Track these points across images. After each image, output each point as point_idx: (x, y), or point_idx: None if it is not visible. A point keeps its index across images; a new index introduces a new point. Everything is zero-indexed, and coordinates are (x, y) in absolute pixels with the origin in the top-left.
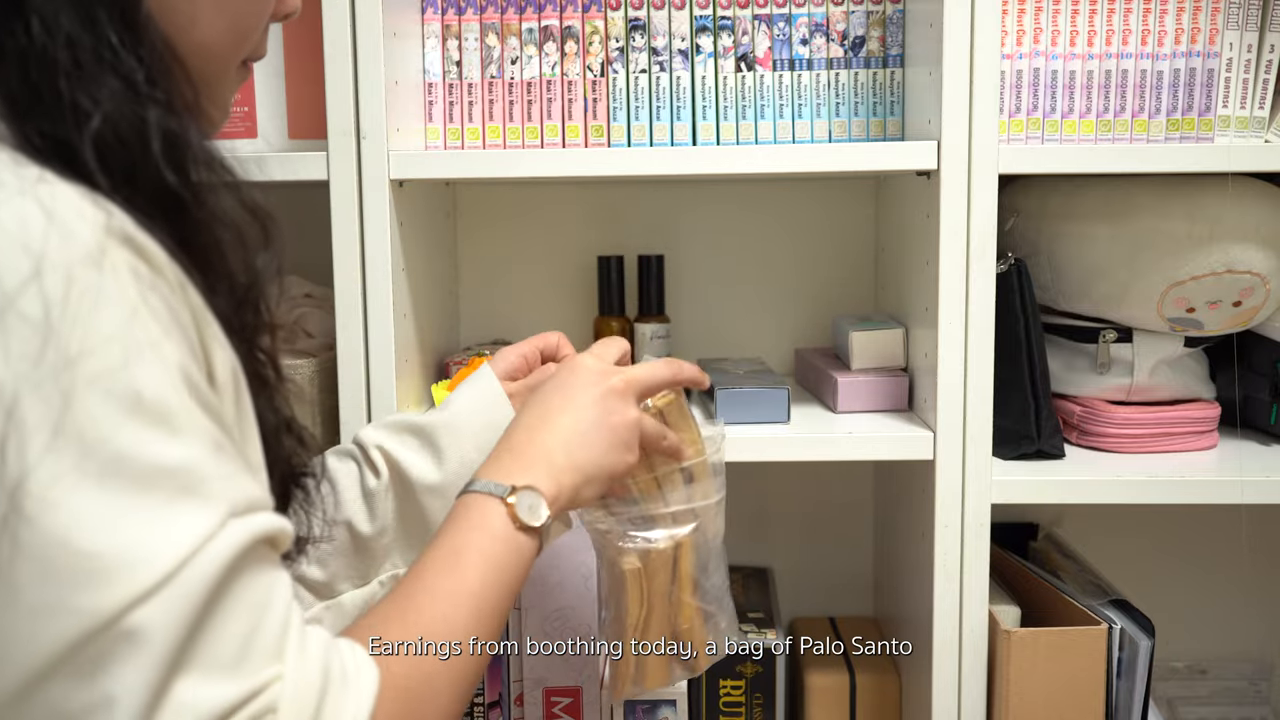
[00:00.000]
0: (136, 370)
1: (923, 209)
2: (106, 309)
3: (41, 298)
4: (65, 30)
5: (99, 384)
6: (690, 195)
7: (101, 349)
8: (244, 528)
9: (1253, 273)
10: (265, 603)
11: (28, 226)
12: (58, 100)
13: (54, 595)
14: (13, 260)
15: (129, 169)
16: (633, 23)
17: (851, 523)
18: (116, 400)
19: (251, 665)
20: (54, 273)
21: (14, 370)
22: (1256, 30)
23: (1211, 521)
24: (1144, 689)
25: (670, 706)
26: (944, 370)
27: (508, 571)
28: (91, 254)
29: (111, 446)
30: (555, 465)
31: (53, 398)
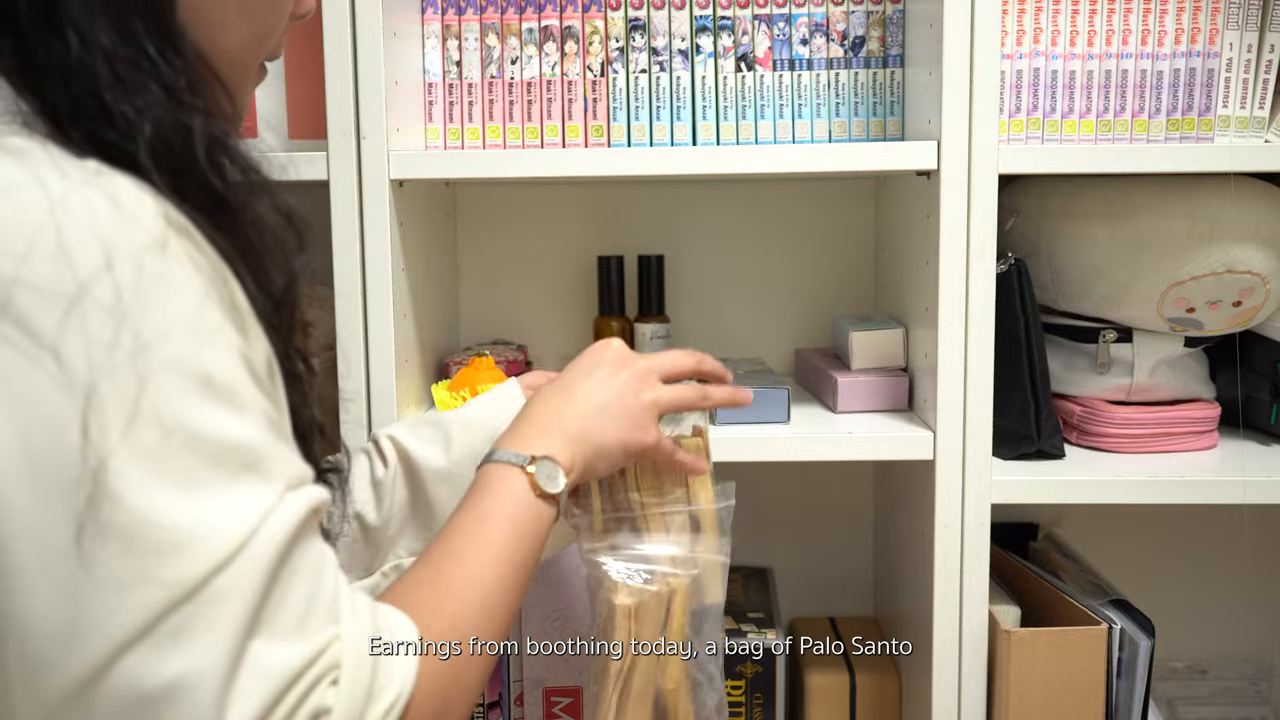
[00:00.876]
0: (205, 353)
1: (923, 209)
2: (175, 294)
3: (114, 285)
4: (104, 44)
5: (172, 367)
6: (690, 195)
7: (173, 333)
8: (300, 500)
9: (1253, 273)
10: (319, 568)
11: (97, 214)
12: (106, 111)
13: (137, 569)
14: (86, 248)
15: (178, 174)
16: (633, 23)
17: (851, 523)
18: (189, 382)
19: (314, 626)
20: (125, 260)
21: (91, 355)
22: (1256, 30)
23: (1211, 521)
24: (1144, 689)
25: None
26: (944, 370)
27: (529, 536)
28: (158, 241)
29: (186, 426)
30: (570, 436)
31: (130, 381)
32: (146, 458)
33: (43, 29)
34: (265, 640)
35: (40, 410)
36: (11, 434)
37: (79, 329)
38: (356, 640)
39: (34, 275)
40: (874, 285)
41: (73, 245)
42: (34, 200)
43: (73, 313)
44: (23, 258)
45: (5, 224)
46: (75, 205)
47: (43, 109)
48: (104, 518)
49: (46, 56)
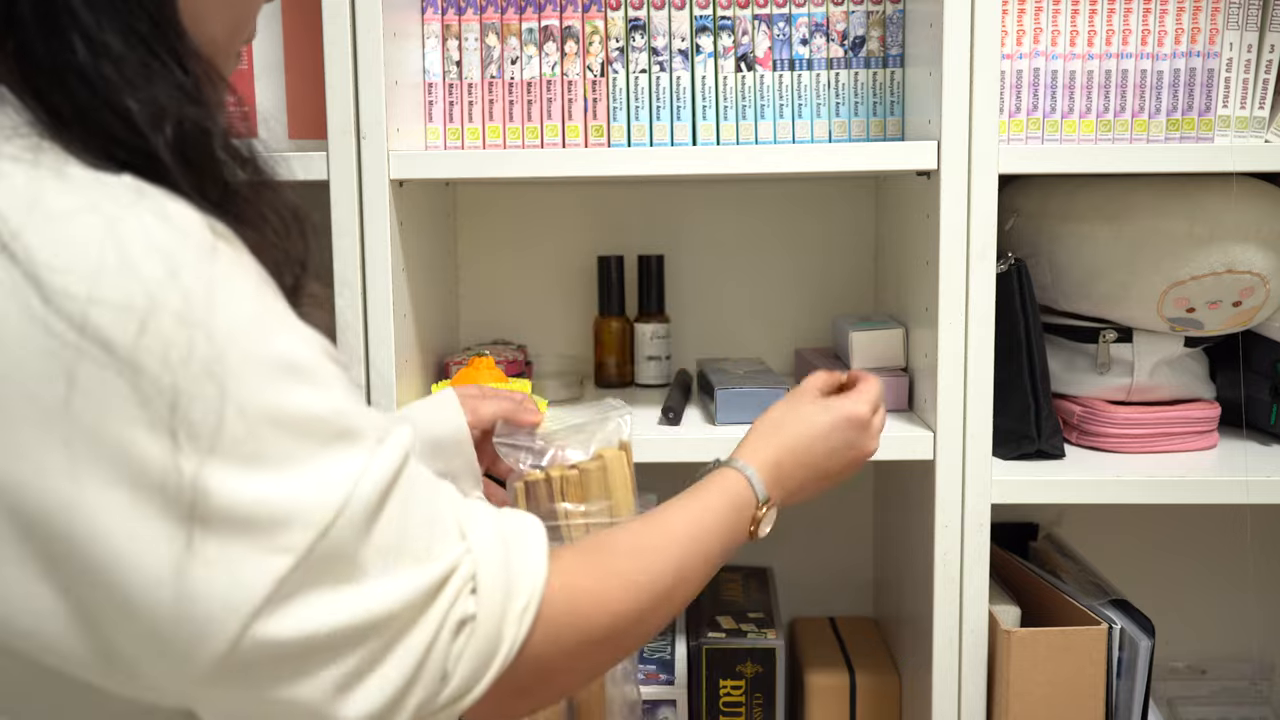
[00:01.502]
0: (277, 339)
1: (923, 209)
2: (237, 293)
3: (182, 293)
4: (111, 46)
5: (250, 359)
6: (690, 195)
7: (243, 328)
8: (390, 449)
9: (1253, 273)
10: (431, 497)
11: (151, 230)
12: (121, 115)
13: (252, 545)
14: (149, 261)
15: (199, 174)
16: (633, 23)
17: (851, 523)
18: (268, 369)
19: (441, 548)
20: (187, 269)
21: (170, 364)
22: (1256, 30)
23: (1212, 521)
24: (1144, 689)
25: (670, 707)
26: (944, 370)
27: (725, 551)
28: (209, 248)
29: (273, 411)
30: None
31: (209, 382)
32: (239, 450)
33: (47, 34)
34: (393, 573)
35: (128, 425)
36: (105, 451)
37: (156, 339)
38: (487, 548)
39: (105, 292)
40: (874, 285)
41: (136, 260)
42: (90, 223)
43: (148, 324)
44: (92, 277)
45: (69, 247)
46: (131, 223)
47: (53, 117)
48: (208, 516)
49: (54, 63)
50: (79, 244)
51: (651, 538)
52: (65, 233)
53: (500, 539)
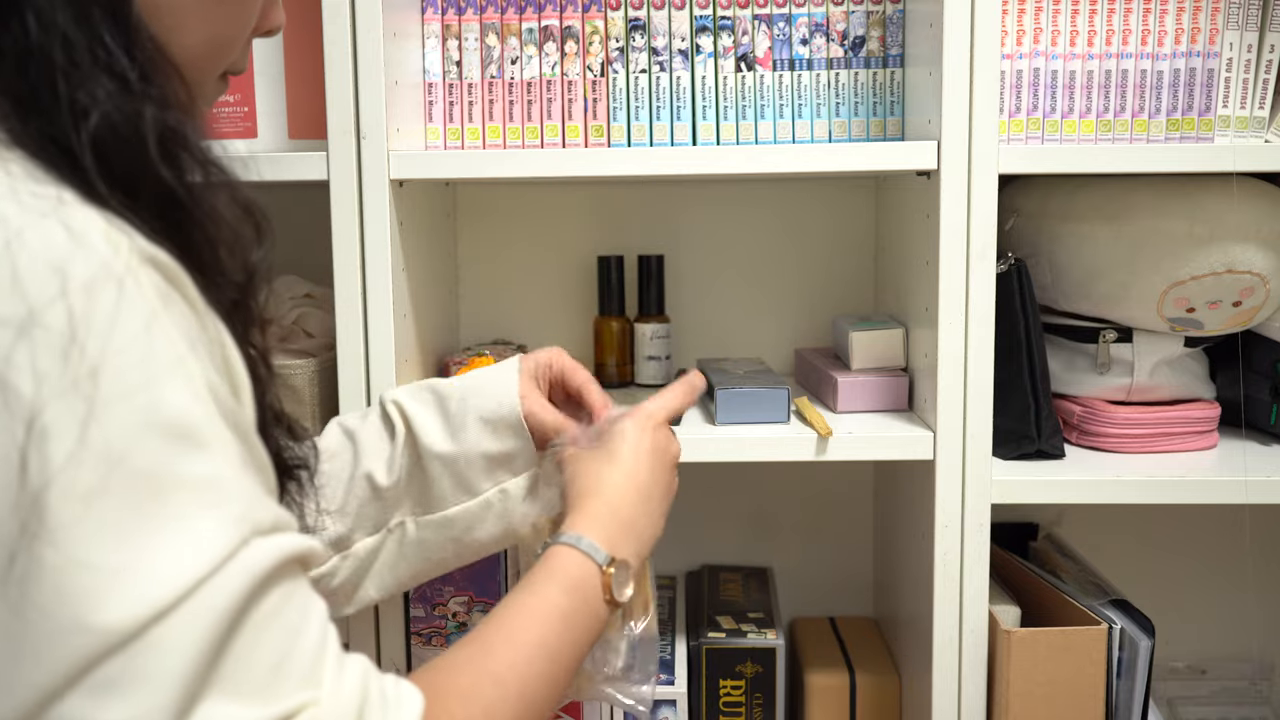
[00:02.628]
0: (161, 385)
1: (923, 209)
2: (130, 325)
3: (67, 313)
4: (61, 28)
5: (122, 399)
6: (690, 195)
7: (125, 364)
8: (271, 546)
9: (1253, 273)
10: (298, 625)
11: (53, 246)
12: (55, 99)
13: (70, 612)
14: (40, 279)
15: (127, 167)
16: (633, 23)
17: (851, 523)
18: (140, 415)
19: (284, 688)
20: (79, 290)
21: (38, 383)
22: (1256, 30)
23: (1212, 521)
24: (1144, 689)
25: (670, 706)
26: (944, 370)
27: (585, 637)
28: (115, 272)
29: (134, 461)
30: (643, 541)
31: (76, 411)
32: (86, 494)
33: (4, 13)
34: (219, 700)
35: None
36: None
37: (28, 357)
38: (338, 709)
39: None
40: (874, 285)
41: (26, 276)
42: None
43: (22, 341)
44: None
45: None
46: (31, 237)
47: (9, 104)
48: (36, 554)
49: (6, 41)
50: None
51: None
52: None
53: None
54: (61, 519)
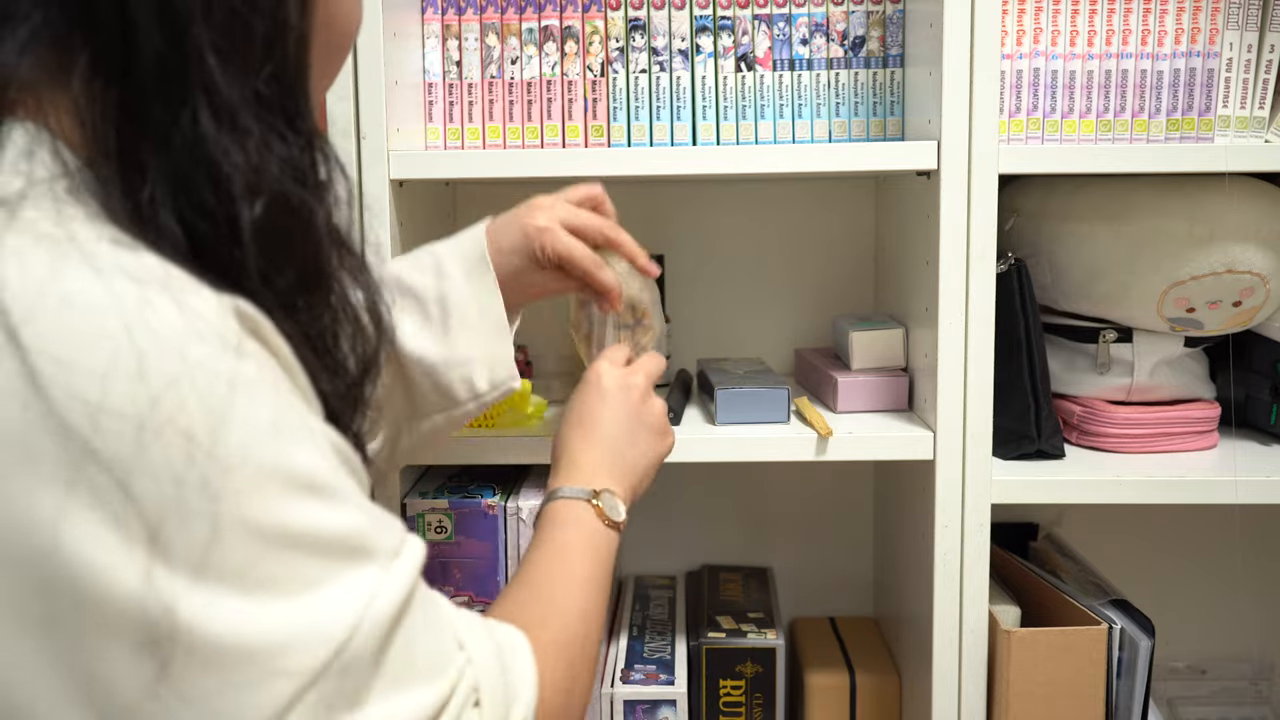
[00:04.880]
0: (294, 452)
1: (923, 209)
2: (255, 398)
3: (193, 401)
4: (233, 107)
5: (263, 476)
6: (690, 195)
7: (259, 440)
8: (405, 565)
9: (1253, 273)
10: (435, 613)
11: (170, 325)
12: (220, 179)
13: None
14: (160, 364)
15: (281, 256)
16: (633, 23)
17: (851, 523)
18: (281, 486)
19: (444, 661)
20: (202, 374)
21: (162, 487)
22: (1256, 30)
23: (1211, 521)
24: (1144, 689)
25: (670, 706)
26: (944, 370)
27: (605, 561)
28: (234, 346)
29: (285, 530)
30: (617, 471)
31: (213, 501)
32: (238, 575)
33: (169, 87)
34: (403, 692)
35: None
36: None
37: (154, 457)
38: (485, 660)
39: (112, 400)
40: (874, 285)
41: (149, 364)
42: (107, 311)
43: (146, 438)
44: (104, 378)
45: (82, 339)
46: (149, 317)
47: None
48: (191, 646)
49: (164, 117)
50: (91, 337)
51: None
52: (77, 325)
53: (496, 649)
54: (217, 613)
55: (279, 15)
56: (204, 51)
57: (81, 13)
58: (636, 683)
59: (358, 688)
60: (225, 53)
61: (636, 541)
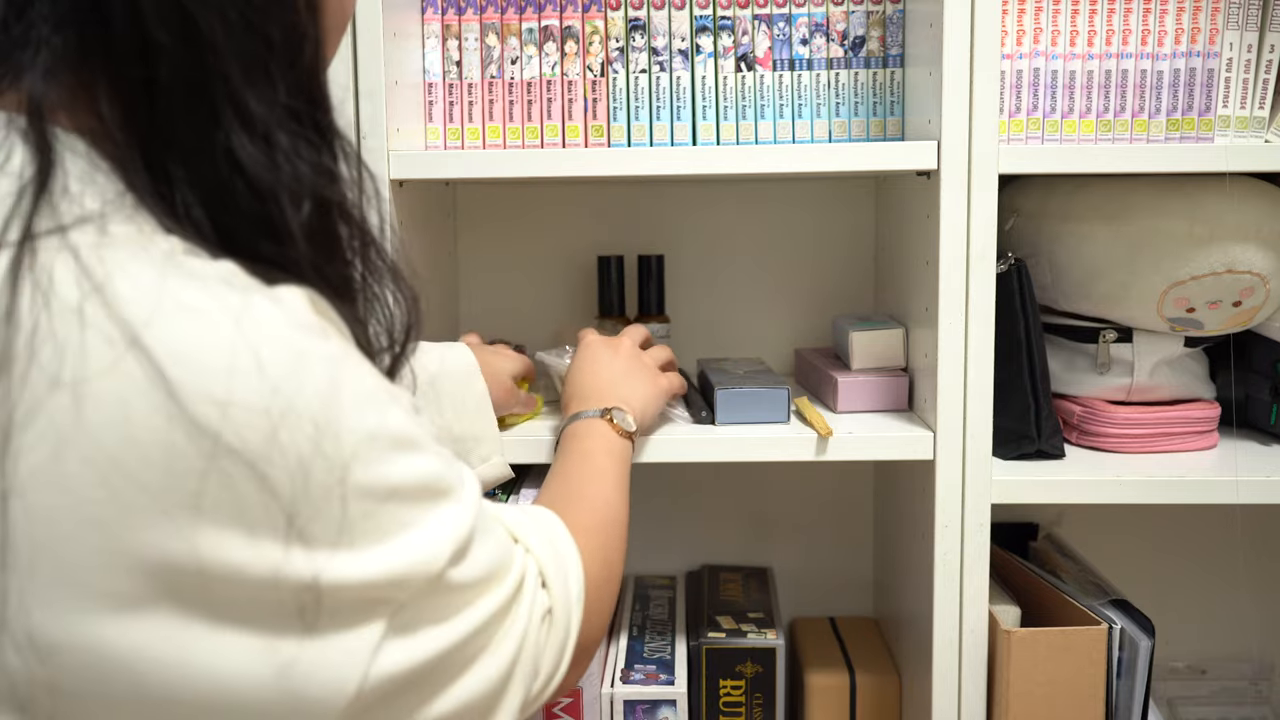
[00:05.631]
0: (388, 416)
1: (923, 209)
2: (355, 374)
3: (310, 388)
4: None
5: (369, 443)
6: (690, 195)
7: (363, 411)
8: (471, 493)
9: (1253, 273)
10: (490, 521)
11: (274, 326)
12: (265, 192)
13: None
14: (275, 357)
15: (325, 250)
16: (633, 23)
17: (851, 523)
18: (384, 448)
19: (509, 558)
20: (311, 361)
21: (302, 453)
22: (1256, 30)
23: (1212, 521)
24: (1144, 689)
25: (670, 706)
26: (944, 370)
27: (622, 464)
28: (320, 331)
29: (392, 489)
30: (620, 397)
31: (337, 475)
32: (359, 535)
33: (196, 107)
34: (482, 595)
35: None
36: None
37: (287, 440)
38: (538, 544)
39: (240, 394)
40: (874, 285)
41: (265, 357)
42: (217, 313)
43: (279, 427)
44: (228, 375)
45: (201, 341)
46: (254, 315)
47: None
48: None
49: (198, 138)
50: (209, 338)
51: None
52: (195, 328)
53: (544, 534)
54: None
55: (294, 24)
56: (227, 68)
57: (101, 37)
58: (636, 683)
59: (447, 602)
60: (248, 68)
61: (636, 541)
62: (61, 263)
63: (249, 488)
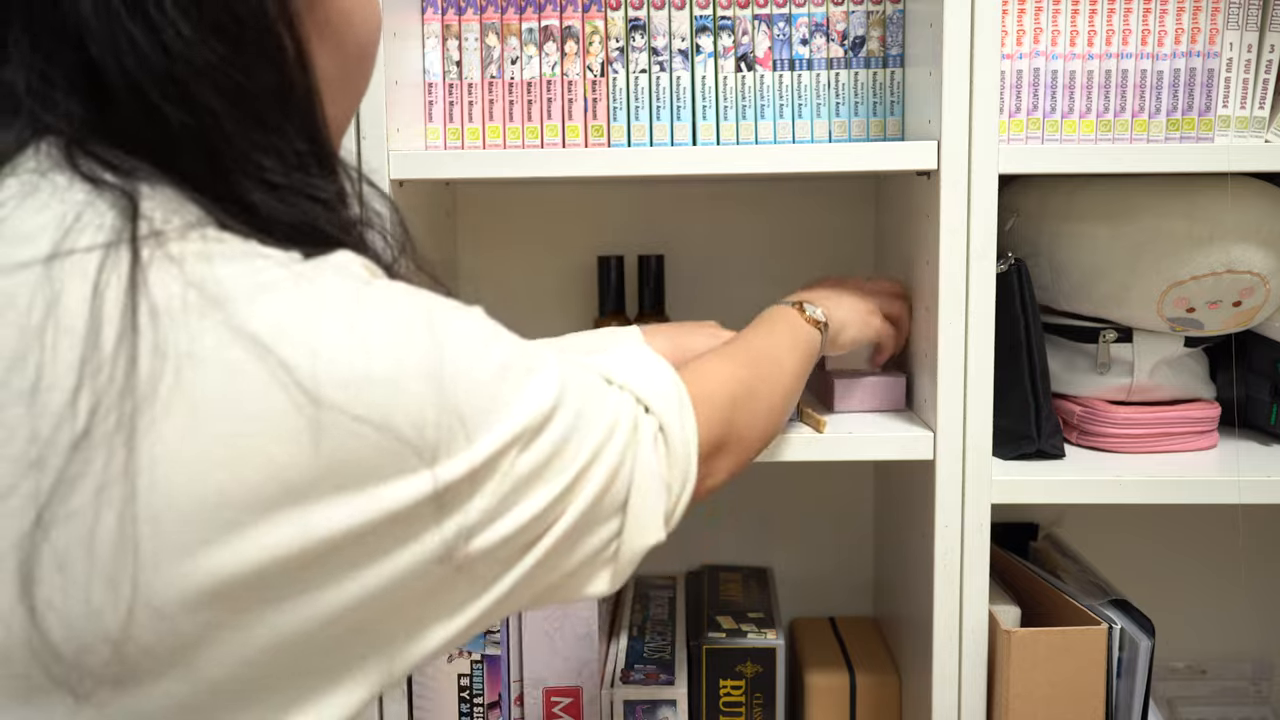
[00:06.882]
0: (475, 312)
1: (923, 209)
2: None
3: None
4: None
5: (472, 340)
6: (690, 195)
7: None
8: (550, 355)
9: (1253, 273)
10: (582, 374)
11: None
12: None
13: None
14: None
15: None
16: (633, 23)
17: (851, 523)
18: (483, 339)
19: (602, 400)
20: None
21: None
22: (1256, 30)
23: (1211, 521)
24: (1144, 689)
25: (670, 706)
26: (944, 370)
27: (804, 346)
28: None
29: (500, 366)
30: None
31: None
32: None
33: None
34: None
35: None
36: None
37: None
38: (628, 375)
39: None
40: None
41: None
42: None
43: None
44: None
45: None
46: (367, 295)
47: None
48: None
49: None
50: (312, 318)
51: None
52: (296, 308)
53: (632, 366)
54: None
55: (285, 80)
56: (228, 128)
57: (104, 102)
58: (636, 683)
59: (554, 450)
60: (247, 125)
61: None
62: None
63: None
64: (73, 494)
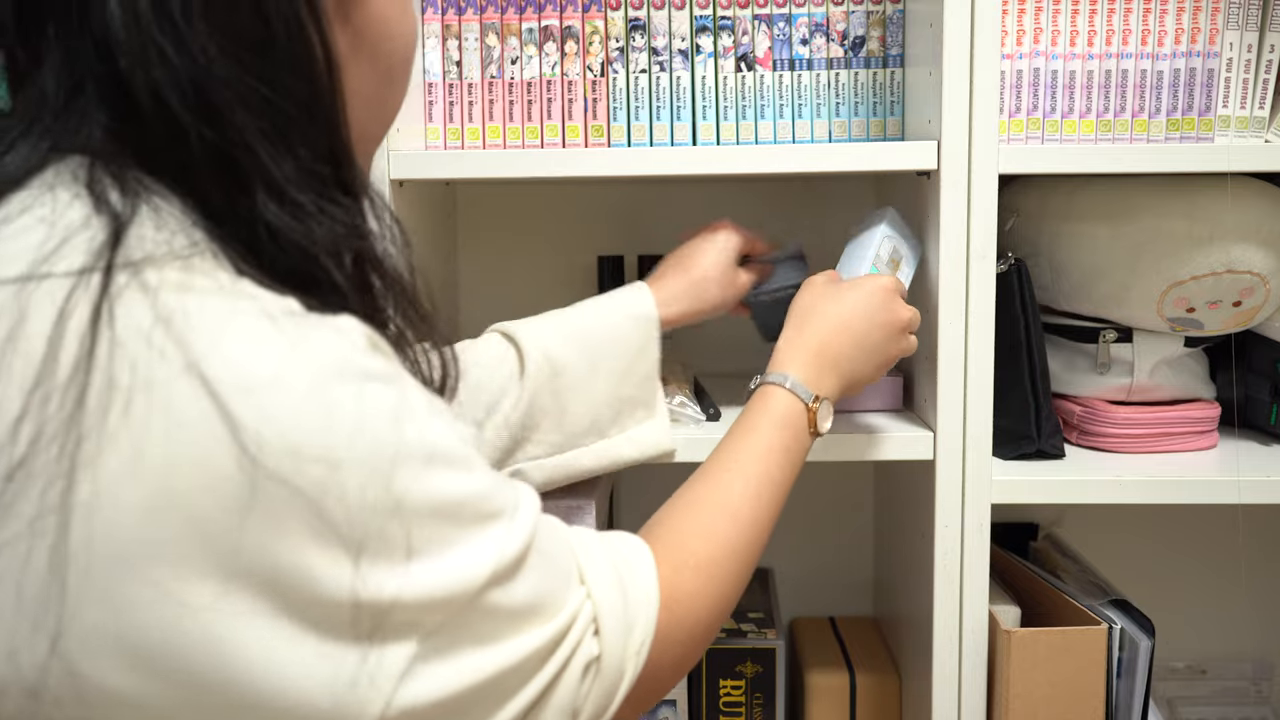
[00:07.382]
0: (441, 430)
1: (923, 209)
2: (408, 389)
3: (370, 417)
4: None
5: (428, 456)
6: (690, 195)
7: (420, 433)
8: (525, 515)
9: (1253, 273)
10: (553, 548)
11: (336, 347)
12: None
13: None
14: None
15: (366, 295)
16: (633, 23)
17: (851, 523)
18: (441, 463)
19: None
20: (373, 389)
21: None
22: (1256, 30)
23: (1212, 521)
24: (1144, 689)
25: (670, 706)
26: (944, 370)
27: (797, 464)
28: (373, 349)
29: (438, 505)
30: (846, 381)
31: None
32: (414, 552)
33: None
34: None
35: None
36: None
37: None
38: (605, 589)
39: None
40: None
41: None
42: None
43: (341, 462)
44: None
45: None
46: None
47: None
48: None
49: (233, 208)
50: (275, 375)
51: (719, 506)
52: (260, 360)
53: (616, 576)
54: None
55: (312, 92)
56: (250, 141)
57: (130, 113)
58: None
59: (487, 630)
60: (270, 138)
61: None
62: (138, 296)
63: (305, 516)
64: (6, 523)
